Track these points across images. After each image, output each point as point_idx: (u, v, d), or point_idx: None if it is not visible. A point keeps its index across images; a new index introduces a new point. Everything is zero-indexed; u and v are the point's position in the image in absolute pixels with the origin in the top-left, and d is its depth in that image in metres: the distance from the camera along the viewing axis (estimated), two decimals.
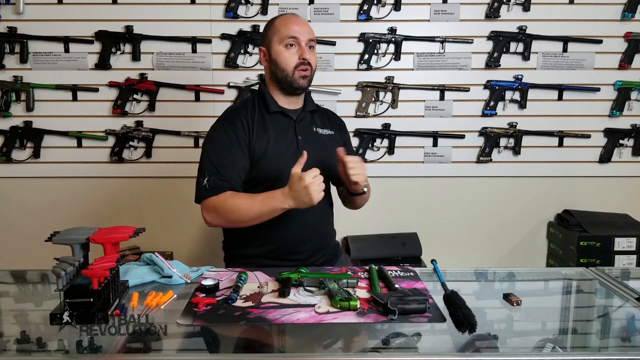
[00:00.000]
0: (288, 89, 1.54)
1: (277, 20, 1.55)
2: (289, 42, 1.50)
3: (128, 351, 0.99)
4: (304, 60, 1.50)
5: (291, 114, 1.57)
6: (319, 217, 1.59)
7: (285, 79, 1.52)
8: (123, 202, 2.50)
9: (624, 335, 1.12)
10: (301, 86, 1.53)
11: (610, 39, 2.41)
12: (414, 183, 2.55)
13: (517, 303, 1.18)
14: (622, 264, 2.30)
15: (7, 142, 2.43)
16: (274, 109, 1.55)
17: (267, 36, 1.55)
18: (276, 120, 1.55)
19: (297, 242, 1.54)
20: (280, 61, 1.51)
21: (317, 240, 1.59)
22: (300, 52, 1.51)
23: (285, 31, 1.50)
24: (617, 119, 2.48)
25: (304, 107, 1.61)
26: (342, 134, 1.72)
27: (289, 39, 1.50)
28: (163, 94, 2.44)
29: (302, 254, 1.55)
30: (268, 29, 1.56)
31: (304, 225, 1.54)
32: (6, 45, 2.38)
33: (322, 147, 1.58)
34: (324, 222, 1.65)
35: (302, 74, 1.51)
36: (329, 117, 1.70)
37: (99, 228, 1.20)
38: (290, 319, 1.08)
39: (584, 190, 2.54)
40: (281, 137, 1.53)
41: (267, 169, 1.50)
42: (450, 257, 2.41)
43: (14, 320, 1.21)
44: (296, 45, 1.51)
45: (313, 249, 1.58)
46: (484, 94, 2.46)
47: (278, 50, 1.51)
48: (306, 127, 1.59)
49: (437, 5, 2.40)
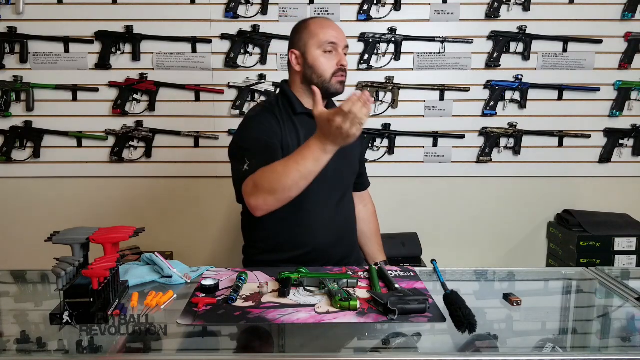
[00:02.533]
0: (324, 95, 1.48)
1: (312, 24, 1.51)
2: (327, 48, 1.47)
3: (128, 351, 0.99)
4: (342, 67, 1.49)
5: None
6: (347, 222, 1.58)
7: (322, 84, 1.47)
8: (123, 202, 2.50)
9: (624, 336, 1.12)
10: (338, 92, 1.51)
11: (611, 39, 2.41)
12: (414, 183, 2.55)
13: (517, 303, 1.17)
14: (622, 264, 2.30)
15: (7, 142, 2.43)
16: (301, 110, 1.51)
17: (302, 40, 1.51)
18: (304, 121, 1.51)
19: (327, 247, 1.51)
20: (318, 67, 1.48)
21: (345, 246, 1.58)
22: (338, 58, 1.48)
23: (324, 36, 1.47)
24: (617, 119, 2.48)
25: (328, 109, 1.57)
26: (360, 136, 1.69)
27: (328, 44, 1.47)
28: (163, 94, 2.44)
29: (332, 260, 1.52)
30: (302, 32, 1.51)
31: (334, 231, 1.51)
32: (6, 45, 2.38)
33: (344, 149, 1.53)
34: (352, 228, 1.63)
35: (340, 80, 1.49)
36: None
37: (99, 228, 1.19)
38: (290, 319, 1.08)
39: (584, 190, 2.54)
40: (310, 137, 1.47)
41: None
42: (450, 257, 2.41)
43: (14, 320, 1.20)
44: (334, 51, 1.48)
45: (342, 254, 1.55)
46: (484, 94, 2.46)
47: (315, 56, 1.48)
48: None
49: (437, 5, 2.40)
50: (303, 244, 1.49)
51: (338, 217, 1.48)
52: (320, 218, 1.47)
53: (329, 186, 1.50)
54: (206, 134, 2.45)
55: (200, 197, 2.52)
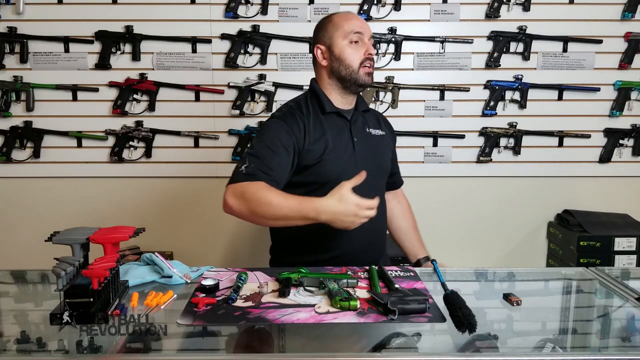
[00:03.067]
0: (351, 87, 1.48)
1: (335, 17, 1.49)
2: (353, 38, 1.45)
3: (128, 351, 0.99)
4: (370, 56, 1.46)
5: (346, 114, 1.51)
6: (379, 227, 1.56)
7: (350, 75, 1.46)
8: (123, 202, 2.50)
9: (624, 336, 1.12)
10: (367, 83, 1.47)
11: (611, 38, 2.41)
12: (414, 183, 2.54)
13: (517, 303, 1.17)
14: (622, 264, 2.30)
15: (7, 142, 2.43)
16: (330, 109, 1.49)
17: (327, 33, 1.48)
18: (332, 121, 1.49)
19: (358, 252, 1.49)
20: (346, 57, 1.45)
21: (375, 252, 1.56)
22: (365, 47, 1.46)
23: (349, 26, 1.45)
24: (617, 119, 2.48)
25: (357, 107, 1.55)
26: (392, 134, 1.67)
27: (354, 34, 1.45)
28: (163, 94, 2.44)
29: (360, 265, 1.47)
30: (326, 26, 1.50)
31: (366, 236, 1.48)
32: (6, 45, 2.38)
33: (376, 148, 1.54)
34: (383, 233, 1.61)
35: (368, 71, 1.46)
36: (377, 118, 1.65)
37: (99, 228, 1.19)
38: (290, 319, 1.08)
39: (584, 190, 2.54)
40: (338, 138, 1.48)
41: (326, 171, 1.43)
42: (450, 257, 2.40)
43: (14, 320, 1.20)
44: (360, 42, 1.46)
45: (370, 259, 1.51)
46: (484, 94, 2.46)
47: (342, 46, 1.45)
48: (360, 127, 1.54)
49: (437, 5, 2.40)
50: (334, 247, 1.46)
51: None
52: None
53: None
54: (206, 134, 2.45)
55: (200, 197, 2.52)
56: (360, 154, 1.49)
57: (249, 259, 2.52)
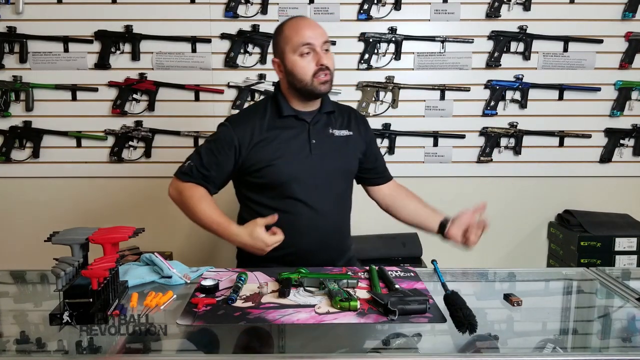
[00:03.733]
0: (309, 97, 1.49)
1: (286, 28, 1.46)
2: (304, 51, 1.42)
3: (128, 351, 0.99)
4: (322, 66, 1.42)
5: (305, 117, 1.51)
6: (337, 228, 1.57)
7: (304, 88, 1.45)
8: (123, 202, 2.50)
9: (625, 336, 1.12)
10: (323, 92, 1.46)
11: (611, 38, 2.41)
12: (414, 183, 2.52)
13: (518, 303, 1.17)
14: (622, 264, 2.30)
15: (6, 142, 2.43)
16: (287, 112, 1.50)
17: (279, 47, 1.47)
18: (288, 124, 1.50)
19: (310, 251, 1.51)
20: (297, 71, 1.43)
21: (332, 251, 1.56)
22: (316, 58, 1.42)
23: (298, 39, 1.42)
24: (617, 118, 2.48)
25: (320, 109, 1.54)
26: (365, 133, 1.65)
27: (303, 47, 1.42)
28: (163, 93, 2.43)
29: (314, 264, 1.49)
30: (277, 39, 1.48)
31: (318, 236, 1.50)
32: (5, 45, 2.37)
33: (338, 150, 1.54)
34: (342, 234, 1.62)
35: (322, 80, 1.43)
36: (349, 117, 1.62)
37: (99, 228, 1.19)
38: (290, 320, 1.08)
39: (585, 190, 2.54)
40: (293, 141, 1.49)
41: (278, 173, 1.46)
42: (450, 257, 2.40)
43: (14, 321, 1.20)
44: (311, 52, 1.43)
45: (326, 258, 1.52)
46: (485, 94, 2.46)
47: (293, 61, 1.43)
48: (321, 129, 1.54)
49: (437, 5, 2.40)
50: (287, 245, 1.45)
51: (324, 222, 1.49)
52: (306, 222, 1.47)
53: (319, 190, 1.50)
54: (206, 134, 2.44)
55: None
56: (317, 155, 1.50)
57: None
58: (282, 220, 1.42)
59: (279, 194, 1.48)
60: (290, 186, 1.46)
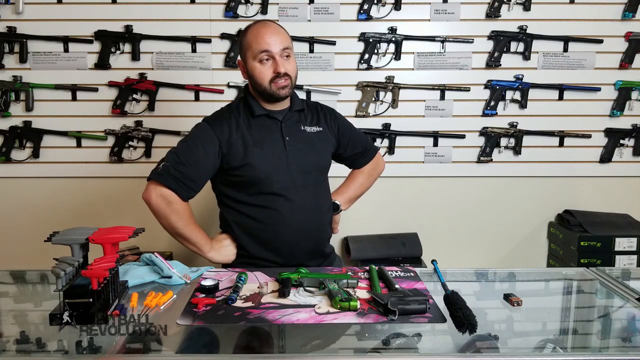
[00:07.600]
0: (271, 100, 1.53)
1: (248, 33, 1.51)
2: (263, 57, 1.47)
3: (128, 351, 0.99)
4: (279, 73, 1.47)
5: (277, 116, 1.56)
6: (316, 220, 1.59)
7: (264, 92, 1.50)
8: (123, 202, 2.50)
9: (625, 336, 1.12)
10: (282, 96, 1.51)
11: (611, 38, 2.41)
12: (414, 183, 2.55)
13: (518, 303, 1.17)
14: (622, 264, 2.30)
15: (6, 142, 2.43)
16: (259, 112, 1.55)
17: (242, 51, 1.53)
18: (262, 123, 1.55)
19: (293, 243, 1.54)
20: (256, 77, 1.49)
21: (313, 243, 1.60)
22: (274, 66, 1.48)
23: (257, 46, 1.47)
24: (617, 118, 2.48)
25: (291, 107, 1.59)
26: (334, 124, 1.67)
27: (261, 54, 1.47)
28: (163, 93, 2.43)
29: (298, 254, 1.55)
30: (241, 43, 1.53)
31: (301, 228, 1.54)
32: (5, 45, 2.37)
33: (311, 145, 1.58)
34: (319, 230, 1.63)
35: (280, 85, 1.49)
36: (317, 113, 1.66)
37: (99, 228, 1.19)
38: (290, 320, 1.08)
39: (585, 190, 2.54)
40: (268, 139, 1.53)
41: (254, 171, 1.50)
42: (450, 257, 2.40)
43: (14, 321, 1.20)
44: (270, 59, 1.48)
45: (310, 248, 1.59)
46: (485, 94, 2.46)
47: (253, 66, 1.50)
48: (293, 126, 1.58)
49: (437, 5, 2.40)
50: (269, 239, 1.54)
51: (303, 215, 1.53)
52: (286, 215, 1.51)
53: (295, 185, 1.53)
54: None
55: (200, 197, 2.50)
56: (292, 152, 1.54)
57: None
58: (262, 215, 1.51)
59: (258, 190, 1.51)
60: (268, 182, 1.50)
